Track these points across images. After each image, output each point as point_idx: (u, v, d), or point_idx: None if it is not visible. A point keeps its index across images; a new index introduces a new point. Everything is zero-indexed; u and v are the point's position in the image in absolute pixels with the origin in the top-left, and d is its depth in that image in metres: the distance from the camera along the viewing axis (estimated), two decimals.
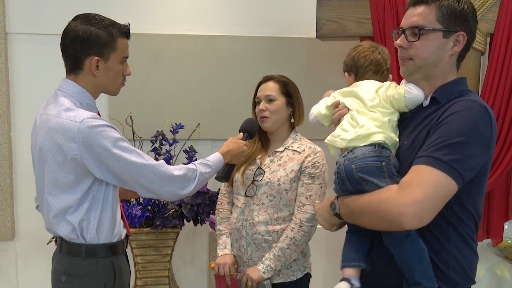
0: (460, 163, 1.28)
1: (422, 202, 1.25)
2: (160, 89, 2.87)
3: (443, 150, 1.28)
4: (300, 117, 2.15)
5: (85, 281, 1.69)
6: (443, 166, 1.27)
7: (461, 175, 1.29)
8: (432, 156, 1.29)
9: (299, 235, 1.99)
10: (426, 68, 1.44)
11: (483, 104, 1.35)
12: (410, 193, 1.26)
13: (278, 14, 2.94)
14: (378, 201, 1.32)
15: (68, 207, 1.65)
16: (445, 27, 1.40)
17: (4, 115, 2.74)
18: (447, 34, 1.41)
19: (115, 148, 1.60)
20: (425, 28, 1.40)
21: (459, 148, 1.28)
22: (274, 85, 2.10)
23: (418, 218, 1.26)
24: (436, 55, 1.42)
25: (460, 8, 1.40)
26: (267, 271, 2.00)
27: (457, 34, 1.41)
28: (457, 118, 1.32)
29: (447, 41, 1.41)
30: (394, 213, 1.27)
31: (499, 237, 2.66)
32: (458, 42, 1.42)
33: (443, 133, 1.31)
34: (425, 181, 1.27)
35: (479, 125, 1.31)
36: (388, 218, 1.29)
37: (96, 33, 1.64)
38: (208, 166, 1.82)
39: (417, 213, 1.25)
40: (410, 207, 1.25)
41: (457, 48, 1.42)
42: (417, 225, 1.28)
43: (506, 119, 2.47)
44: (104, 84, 1.72)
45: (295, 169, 2.03)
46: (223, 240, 2.17)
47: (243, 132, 2.03)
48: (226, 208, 2.22)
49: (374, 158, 1.39)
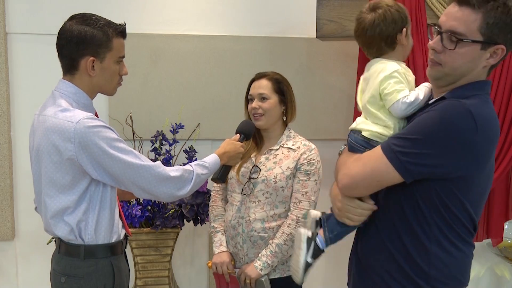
0: (408, 156, 1.31)
1: (356, 179, 1.42)
2: (160, 89, 2.87)
3: (398, 141, 1.35)
4: (292, 114, 2.16)
5: (84, 282, 1.69)
6: (390, 155, 1.35)
7: (406, 168, 1.32)
8: (388, 143, 1.37)
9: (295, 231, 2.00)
10: (454, 76, 1.37)
11: (469, 108, 1.27)
12: (353, 167, 1.44)
13: (278, 14, 2.93)
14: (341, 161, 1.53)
15: (65, 208, 1.65)
16: (486, 39, 1.29)
17: (4, 115, 2.74)
18: (485, 46, 1.30)
19: (111, 148, 1.60)
20: (464, 39, 1.29)
21: (413, 144, 1.31)
22: (267, 83, 2.11)
23: (349, 188, 1.45)
24: (468, 66, 1.34)
25: (509, 19, 1.28)
26: (264, 268, 2.02)
27: (496, 47, 1.31)
28: (427, 116, 1.32)
29: (484, 53, 1.32)
30: (338, 176, 1.50)
31: (499, 237, 2.66)
32: (496, 54, 1.32)
33: (410, 126, 1.36)
34: (369, 161, 1.40)
35: (449, 126, 1.27)
36: (336, 176, 1.53)
37: (91, 33, 1.64)
38: (205, 167, 1.82)
39: (348, 184, 1.44)
40: (346, 178, 1.45)
41: (492, 60, 1.34)
42: (347, 193, 1.47)
43: (506, 119, 2.47)
44: (100, 84, 1.71)
45: (291, 167, 2.05)
46: (219, 238, 2.17)
47: (240, 134, 2.04)
48: (220, 205, 2.23)
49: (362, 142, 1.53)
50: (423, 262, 1.39)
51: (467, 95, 1.34)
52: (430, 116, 1.31)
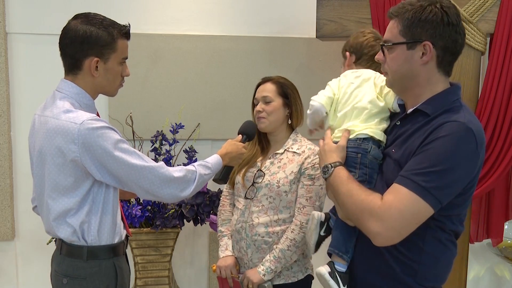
0: (440, 190, 1.33)
1: (398, 230, 1.35)
2: (160, 89, 2.87)
3: (424, 177, 1.33)
4: (298, 118, 2.14)
5: (87, 283, 1.68)
6: (423, 193, 1.32)
7: (439, 201, 1.34)
8: (414, 181, 1.33)
9: (299, 236, 1.98)
10: (400, 80, 1.46)
11: (469, 126, 1.34)
12: (391, 219, 1.34)
13: (278, 14, 2.93)
14: (362, 206, 1.39)
15: (68, 210, 1.64)
16: (408, 39, 1.40)
17: (4, 115, 2.74)
18: (411, 45, 1.40)
19: (116, 150, 1.59)
20: (388, 43, 1.44)
21: (441, 176, 1.32)
22: (271, 86, 2.10)
23: (390, 241, 1.37)
24: (405, 67, 1.43)
25: (424, 16, 1.38)
26: (268, 273, 1.99)
27: (422, 43, 1.39)
28: (441, 144, 1.33)
29: (414, 52, 1.41)
30: (372, 228, 1.36)
31: (499, 237, 2.66)
32: (426, 51, 1.39)
33: (428, 158, 1.34)
34: (405, 208, 1.33)
35: (463, 151, 1.33)
36: (365, 226, 1.39)
37: (96, 33, 1.62)
38: (207, 168, 1.81)
39: (392, 237, 1.36)
40: (387, 231, 1.34)
41: (426, 58, 1.40)
42: (386, 245, 1.39)
43: (506, 119, 2.48)
44: (102, 85, 1.70)
45: (294, 171, 2.03)
46: (225, 242, 2.16)
47: (242, 134, 2.03)
48: (228, 210, 2.22)
49: (353, 149, 1.53)
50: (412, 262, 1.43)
51: (446, 107, 1.41)
52: (442, 144, 1.33)
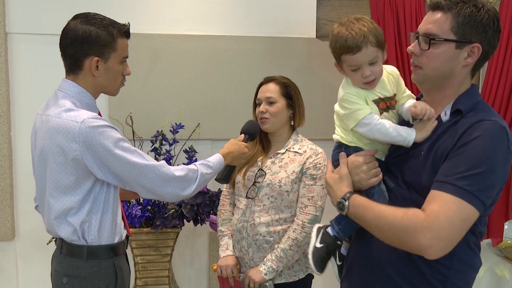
0: (484, 192, 1.27)
1: (451, 238, 1.26)
2: (160, 89, 2.87)
3: (468, 180, 1.26)
4: (300, 119, 2.14)
5: (87, 282, 1.68)
6: (469, 197, 1.26)
7: (484, 204, 1.28)
8: (458, 185, 1.26)
9: (301, 236, 1.99)
10: (435, 78, 1.40)
11: (503, 125, 1.31)
12: (440, 228, 1.25)
13: (278, 14, 2.93)
14: (404, 224, 1.29)
15: (69, 209, 1.64)
16: (459, 37, 1.33)
17: (4, 115, 2.74)
18: (460, 45, 1.34)
19: (116, 148, 1.60)
20: (436, 38, 1.35)
21: (484, 178, 1.26)
22: (275, 86, 2.09)
23: (444, 251, 1.27)
24: (447, 66, 1.37)
25: (480, 17, 1.32)
26: (269, 273, 2.00)
27: (472, 45, 1.34)
28: (479, 145, 1.28)
29: (460, 52, 1.35)
30: (422, 242, 1.25)
31: (499, 237, 2.66)
32: (473, 53, 1.35)
33: (468, 160, 1.28)
34: (454, 215, 1.25)
35: (501, 150, 1.28)
36: (412, 243, 1.28)
37: (96, 33, 1.63)
38: (209, 167, 1.81)
39: (445, 247, 1.26)
40: (439, 241, 1.25)
41: (470, 59, 1.36)
42: (439, 257, 1.28)
43: (506, 119, 2.48)
44: (103, 85, 1.71)
45: (296, 171, 2.03)
46: (225, 242, 2.16)
47: (244, 134, 2.02)
48: (228, 209, 2.22)
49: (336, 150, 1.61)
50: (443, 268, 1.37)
51: (472, 106, 1.37)
52: (480, 145, 1.28)
